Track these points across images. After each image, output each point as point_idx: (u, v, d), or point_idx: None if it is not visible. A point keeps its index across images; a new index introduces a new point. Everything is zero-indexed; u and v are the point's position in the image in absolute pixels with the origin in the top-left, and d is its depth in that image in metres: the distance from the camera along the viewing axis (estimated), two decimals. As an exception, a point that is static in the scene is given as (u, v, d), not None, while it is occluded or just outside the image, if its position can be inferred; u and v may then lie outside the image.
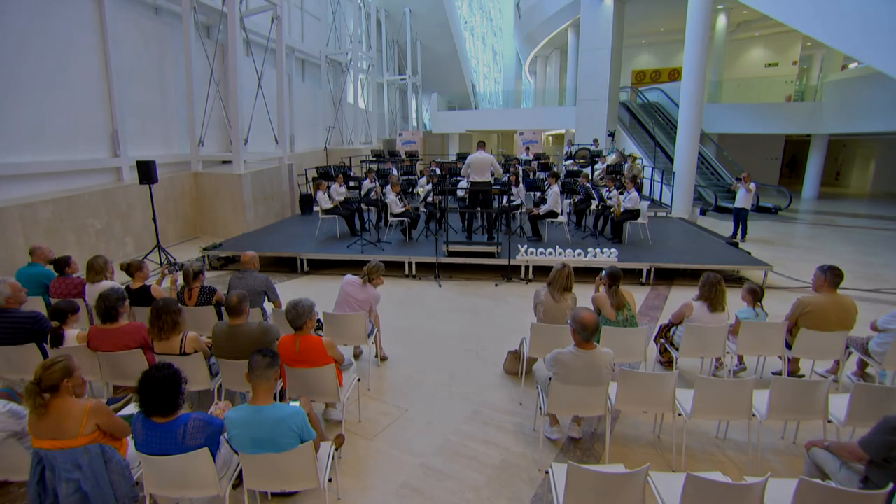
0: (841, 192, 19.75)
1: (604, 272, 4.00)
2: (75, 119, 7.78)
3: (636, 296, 4.76)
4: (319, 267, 7.67)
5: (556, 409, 3.05)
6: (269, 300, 4.30)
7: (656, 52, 25.93)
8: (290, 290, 6.82)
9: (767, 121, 17.11)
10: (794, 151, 22.89)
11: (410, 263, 7.25)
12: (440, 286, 6.84)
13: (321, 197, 8.52)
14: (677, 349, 3.92)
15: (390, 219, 8.42)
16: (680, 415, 3.06)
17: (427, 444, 3.34)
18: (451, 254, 7.25)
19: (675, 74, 25.40)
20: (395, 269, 7.35)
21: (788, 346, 3.83)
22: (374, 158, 14.21)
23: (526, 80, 33.29)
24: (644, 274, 6.94)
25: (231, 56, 9.68)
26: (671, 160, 14.87)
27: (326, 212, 8.58)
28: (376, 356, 4.48)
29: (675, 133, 17.11)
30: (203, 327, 4.11)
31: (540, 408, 3.25)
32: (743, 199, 9.56)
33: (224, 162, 10.89)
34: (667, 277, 7.19)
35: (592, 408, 3.01)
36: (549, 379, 3.04)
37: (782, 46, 21.37)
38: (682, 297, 6.51)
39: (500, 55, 35.53)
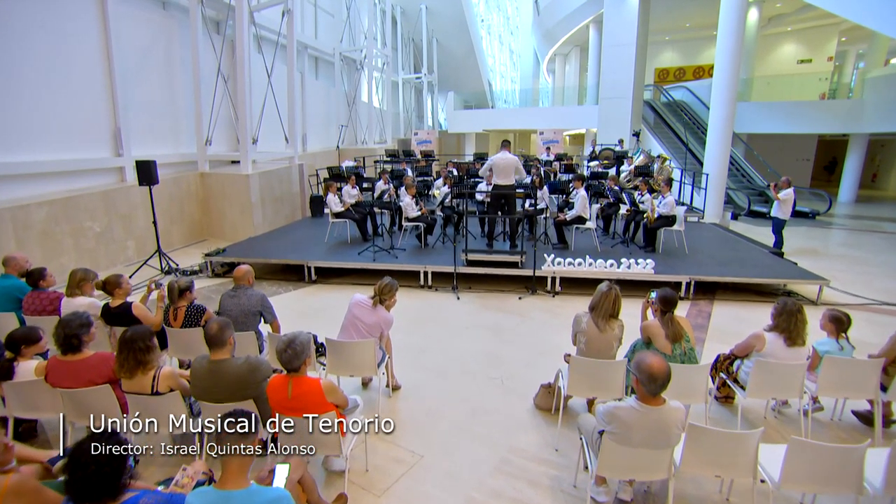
0: (879, 195, 18.70)
1: (653, 294, 3.39)
2: (75, 117, 7.38)
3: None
4: (328, 275, 7.16)
5: (607, 472, 2.46)
6: (265, 321, 3.77)
7: (681, 49, 25.02)
8: (296, 300, 6.32)
9: (801, 120, 16.18)
10: (828, 152, 21.77)
11: (426, 273, 6.69)
12: (458, 298, 6.27)
13: (331, 199, 8.01)
14: (742, 387, 3.30)
15: (405, 223, 7.88)
16: (763, 481, 2.46)
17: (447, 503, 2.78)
18: (471, 263, 6.67)
19: (700, 72, 24.47)
20: (409, 278, 6.80)
21: (883, 388, 3.18)
22: (389, 158, 13.70)
23: (543, 79, 32.54)
24: (683, 287, 6.28)
25: (239, 51, 9.24)
26: (698, 161, 14.10)
27: (337, 215, 8.07)
28: (387, 385, 3.92)
29: (702, 133, 16.36)
30: (190, 351, 3.62)
31: (586, 466, 2.66)
32: (777, 208, 8.69)
33: (233, 162, 10.47)
34: (707, 291, 6.52)
35: (653, 471, 2.42)
36: (600, 433, 2.46)
37: (816, 42, 20.34)
38: (727, 313, 5.87)
39: (517, 54, 34.81)
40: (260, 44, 10.50)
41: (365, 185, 10.20)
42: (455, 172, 10.82)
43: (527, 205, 7.54)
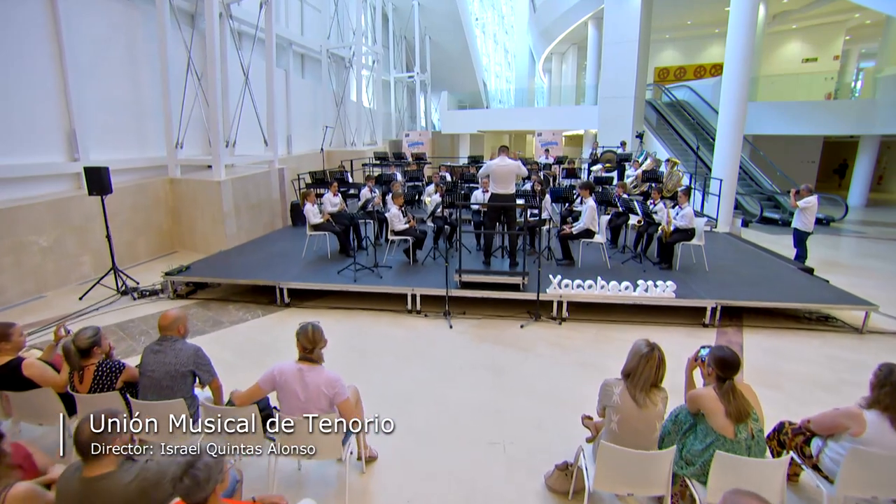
0: (886, 199, 18.04)
1: (704, 352, 2.59)
2: (19, 116, 6.52)
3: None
4: (304, 297, 6.30)
5: None
6: (200, 383, 2.93)
7: (682, 47, 24.35)
8: (263, 329, 5.47)
9: (808, 121, 15.45)
10: (833, 154, 21.07)
11: (414, 296, 5.85)
12: (451, 327, 5.44)
13: (309, 210, 7.16)
14: (829, 479, 2.49)
15: (391, 236, 7.04)
16: None
17: None
18: (465, 285, 5.84)
19: (701, 72, 23.80)
20: (395, 301, 5.98)
21: None
22: (378, 162, 12.82)
23: (539, 79, 31.78)
24: (708, 313, 5.47)
25: (209, 45, 8.35)
26: (705, 165, 13.36)
27: (315, 228, 7.23)
28: (359, 458, 3.09)
29: (707, 134, 15.64)
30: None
31: None
32: (798, 218, 7.87)
33: (209, 167, 9.61)
34: (733, 316, 5.73)
35: None
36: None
37: (822, 40, 19.70)
38: (761, 345, 5.07)
39: (512, 54, 34.07)
40: (238, 39, 9.66)
41: (351, 191, 9.37)
42: (448, 178, 10.00)
43: (528, 215, 6.73)
